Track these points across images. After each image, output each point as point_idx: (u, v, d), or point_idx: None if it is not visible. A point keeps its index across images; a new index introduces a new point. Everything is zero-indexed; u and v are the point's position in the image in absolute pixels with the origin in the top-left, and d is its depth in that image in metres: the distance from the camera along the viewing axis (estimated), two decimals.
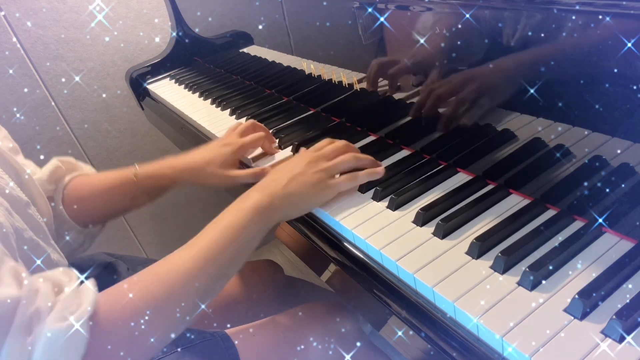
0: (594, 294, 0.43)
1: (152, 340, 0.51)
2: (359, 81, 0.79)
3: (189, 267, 0.54)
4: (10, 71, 1.20)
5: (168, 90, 1.26)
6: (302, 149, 0.71)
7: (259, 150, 0.84)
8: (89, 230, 0.80)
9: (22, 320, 0.43)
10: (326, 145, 0.70)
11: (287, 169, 0.65)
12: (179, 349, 0.66)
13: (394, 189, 0.65)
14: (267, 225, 0.61)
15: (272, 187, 0.62)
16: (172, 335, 0.54)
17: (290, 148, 0.83)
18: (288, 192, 0.62)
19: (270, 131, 0.89)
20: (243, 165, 0.84)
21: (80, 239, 0.79)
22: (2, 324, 0.42)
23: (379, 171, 0.67)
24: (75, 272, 0.51)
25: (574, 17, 0.45)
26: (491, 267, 0.50)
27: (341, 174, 0.67)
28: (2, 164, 0.65)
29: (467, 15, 0.55)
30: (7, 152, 0.68)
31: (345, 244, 0.62)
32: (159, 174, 0.80)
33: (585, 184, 0.52)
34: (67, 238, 0.78)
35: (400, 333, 0.53)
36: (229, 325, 0.75)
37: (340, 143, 0.70)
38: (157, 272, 0.53)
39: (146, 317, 0.49)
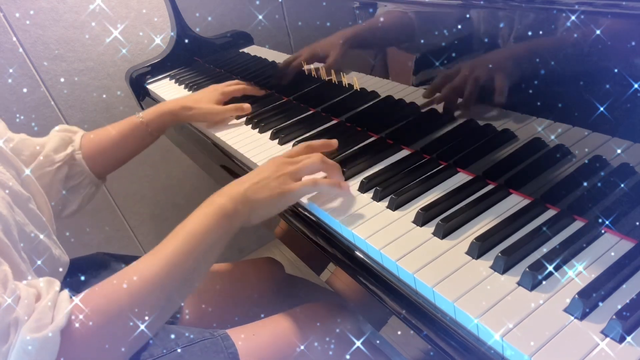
0: (594, 294, 0.43)
1: (122, 349, 0.53)
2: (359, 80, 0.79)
3: (154, 274, 0.54)
4: (10, 71, 1.20)
5: (168, 90, 1.26)
6: (275, 156, 0.71)
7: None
8: (100, 181, 0.91)
9: (1, 327, 0.46)
10: (300, 151, 0.70)
11: (254, 174, 0.66)
12: (178, 349, 0.66)
13: (394, 189, 0.65)
14: (231, 230, 0.62)
15: (234, 192, 0.63)
16: (138, 344, 0.56)
17: (289, 146, 0.83)
18: (249, 196, 0.63)
19: (270, 131, 0.89)
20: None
21: (93, 190, 0.89)
22: None
23: (342, 186, 0.66)
24: (57, 282, 0.53)
25: (573, 17, 0.45)
26: (491, 267, 0.50)
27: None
28: (2, 160, 0.65)
29: (467, 15, 0.55)
30: (7, 150, 0.68)
31: (345, 244, 0.62)
32: (163, 112, 0.93)
33: (585, 184, 0.52)
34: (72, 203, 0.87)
35: (400, 333, 0.53)
36: (229, 325, 0.75)
37: (314, 153, 0.69)
38: (122, 279, 0.54)
39: (113, 327, 0.51)
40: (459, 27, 0.57)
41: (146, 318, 0.53)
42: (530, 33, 0.50)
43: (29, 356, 0.45)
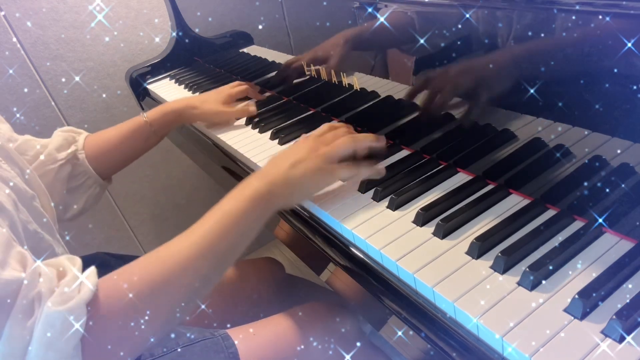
0: (594, 294, 0.43)
1: (152, 328, 0.50)
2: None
3: (187, 254, 0.53)
4: (10, 71, 1.20)
5: (168, 90, 1.26)
6: (303, 135, 0.70)
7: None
8: (105, 182, 0.90)
9: (24, 303, 0.44)
10: (327, 130, 0.69)
11: (287, 156, 0.64)
12: (179, 349, 0.66)
13: (394, 189, 0.65)
14: (267, 213, 0.61)
15: (271, 175, 0.61)
16: (167, 327, 0.54)
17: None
18: (287, 179, 0.61)
19: (270, 131, 0.89)
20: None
21: (97, 190, 0.89)
22: (5, 305, 0.43)
23: (380, 171, 0.67)
24: (79, 259, 0.52)
25: (574, 17, 0.45)
26: (491, 267, 0.50)
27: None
28: (6, 159, 0.66)
29: (467, 15, 0.55)
30: (11, 149, 0.68)
31: (345, 243, 0.62)
32: (167, 110, 0.92)
33: (585, 184, 0.52)
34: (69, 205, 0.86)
35: (400, 333, 0.53)
36: (229, 325, 0.75)
37: (341, 129, 0.69)
38: (155, 258, 0.53)
39: (143, 305, 0.49)
40: (459, 27, 0.57)
41: (178, 298, 0.52)
42: (530, 33, 0.50)
43: (54, 329, 0.44)
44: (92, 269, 0.50)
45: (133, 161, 0.94)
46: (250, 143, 0.89)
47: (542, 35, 0.49)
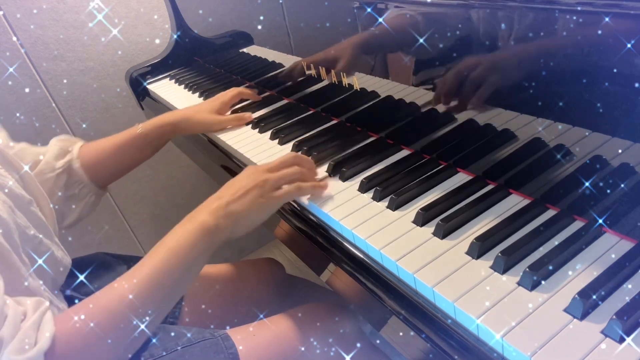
0: (594, 294, 0.43)
1: None
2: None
3: (133, 295, 0.54)
4: (11, 70, 1.20)
5: (168, 90, 1.26)
6: (249, 166, 0.71)
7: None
8: (101, 191, 0.91)
9: None
10: (274, 161, 0.70)
11: (232, 186, 0.65)
12: (179, 348, 0.66)
13: (394, 189, 0.65)
14: (212, 247, 0.61)
15: (214, 206, 0.62)
16: (124, 358, 0.57)
17: (289, 146, 0.83)
18: (231, 211, 0.62)
19: (270, 131, 0.89)
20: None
21: (92, 199, 0.89)
22: None
23: (322, 185, 0.68)
24: (46, 303, 0.53)
25: (574, 17, 0.45)
26: (491, 267, 0.50)
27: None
28: (3, 163, 0.65)
29: (467, 16, 0.55)
30: (8, 151, 0.68)
31: (345, 243, 0.62)
32: (162, 122, 0.92)
33: (585, 184, 0.52)
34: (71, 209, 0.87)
35: (400, 333, 0.53)
36: (228, 326, 0.75)
37: (287, 155, 0.71)
38: (102, 302, 0.54)
39: (95, 349, 0.52)
40: (459, 27, 0.57)
41: (127, 334, 0.54)
42: (530, 33, 0.50)
43: None
44: (49, 315, 0.51)
45: (129, 172, 0.94)
46: (250, 143, 0.89)
47: (542, 35, 0.49)
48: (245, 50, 1.11)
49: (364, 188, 0.67)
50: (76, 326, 0.51)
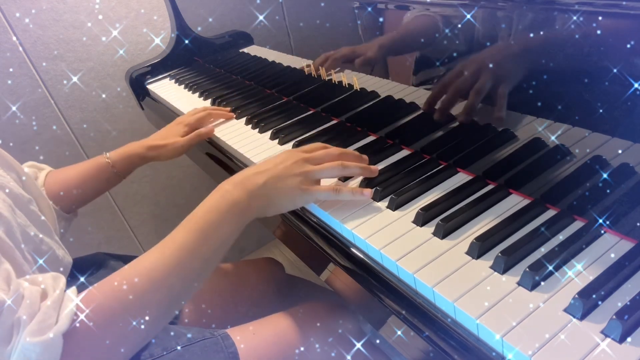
0: (594, 294, 0.43)
1: (125, 348, 0.51)
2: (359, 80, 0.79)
3: (159, 272, 0.53)
4: (11, 71, 1.20)
5: (168, 90, 1.26)
6: (290, 150, 0.68)
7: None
8: (69, 216, 0.89)
9: (4, 328, 0.45)
10: (319, 148, 0.67)
11: (270, 165, 0.62)
12: (179, 348, 0.66)
13: (394, 189, 0.65)
14: (243, 224, 0.59)
15: (250, 184, 0.60)
16: (143, 344, 0.55)
17: (289, 146, 0.83)
18: (266, 191, 0.60)
19: (270, 131, 0.89)
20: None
21: (62, 224, 0.87)
22: None
23: (365, 193, 0.64)
24: (63, 278, 0.51)
25: (573, 17, 0.45)
26: (491, 267, 0.50)
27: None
28: (2, 163, 0.66)
29: (467, 16, 0.55)
30: (6, 152, 0.68)
31: (345, 243, 0.62)
32: (130, 154, 0.91)
33: (585, 184, 0.52)
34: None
35: (400, 333, 0.53)
36: (229, 325, 0.75)
37: (334, 150, 0.67)
38: (127, 277, 0.52)
39: (119, 328, 0.50)
40: (459, 26, 0.57)
41: (151, 316, 0.52)
42: (530, 33, 0.50)
43: (31, 358, 0.44)
44: (70, 293, 0.50)
45: (95, 199, 0.93)
46: (250, 143, 0.89)
47: (542, 35, 0.49)
48: (245, 50, 1.11)
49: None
50: (99, 304, 0.49)
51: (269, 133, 0.90)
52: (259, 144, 0.88)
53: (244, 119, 0.98)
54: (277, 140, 0.87)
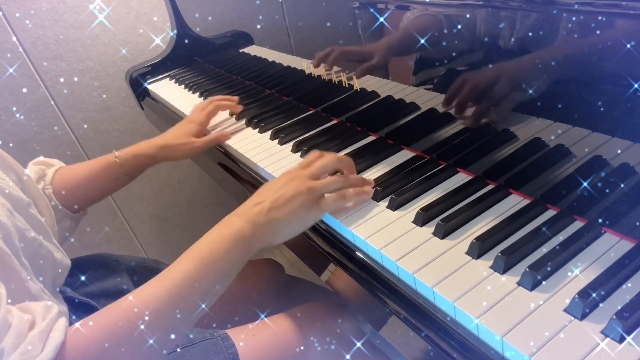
0: (594, 294, 0.43)
1: None
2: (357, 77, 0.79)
3: (160, 305, 0.51)
4: (11, 71, 1.20)
5: (168, 90, 1.26)
6: (290, 170, 0.65)
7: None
8: (77, 215, 0.86)
9: None
10: (315, 160, 0.64)
11: (270, 192, 0.60)
12: (178, 349, 0.66)
13: (394, 189, 0.65)
14: (247, 256, 0.57)
15: (254, 214, 0.58)
16: None
17: (289, 146, 0.83)
18: (272, 218, 0.57)
19: (270, 131, 0.89)
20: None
21: (68, 224, 0.84)
22: None
23: (367, 191, 0.63)
24: (55, 309, 0.49)
25: (573, 17, 0.45)
26: (491, 267, 0.50)
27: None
28: (1, 165, 0.65)
29: (467, 16, 0.55)
30: (5, 153, 0.68)
31: (345, 244, 0.62)
32: (139, 154, 0.88)
33: (585, 184, 0.52)
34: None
35: (400, 333, 0.53)
36: (229, 326, 0.75)
37: (329, 158, 0.64)
38: (125, 309, 0.50)
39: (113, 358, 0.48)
40: (459, 27, 0.57)
41: (147, 349, 0.50)
42: (530, 33, 0.50)
43: None
44: (61, 323, 0.48)
45: (103, 199, 0.90)
46: (250, 143, 0.89)
47: (542, 35, 0.49)
48: (245, 50, 1.11)
49: None
50: (93, 336, 0.48)
51: (269, 133, 0.90)
52: (259, 144, 0.88)
53: (244, 120, 0.98)
54: (277, 140, 0.87)
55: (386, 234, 0.58)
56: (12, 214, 0.58)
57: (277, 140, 0.87)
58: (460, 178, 0.66)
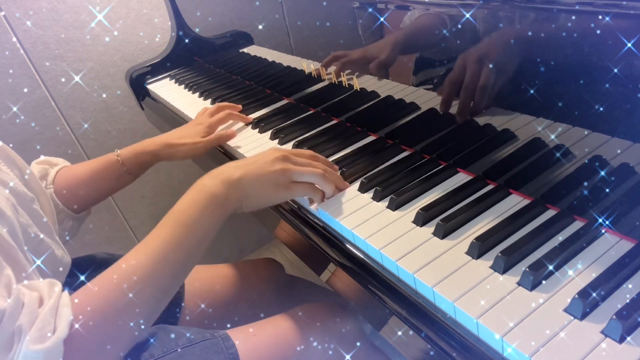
0: (594, 294, 0.43)
1: (121, 345, 0.53)
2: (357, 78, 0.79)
3: (145, 270, 0.53)
4: (11, 71, 1.20)
5: (168, 90, 1.26)
6: (275, 148, 0.69)
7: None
8: (80, 215, 0.86)
9: (5, 335, 0.45)
10: (307, 155, 0.68)
11: (251, 160, 0.63)
12: (179, 349, 0.66)
13: (394, 189, 0.65)
14: (223, 216, 0.60)
15: (227, 175, 0.61)
16: (137, 339, 0.56)
17: (289, 146, 0.83)
18: (244, 184, 0.61)
19: (270, 131, 0.89)
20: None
21: (70, 224, 0.84)
22: None
23: (342, 186, 0.66)
24: (59, 284, 0.52)
25: (573, 17, 0.45)
26: (491, 267, 0.50)
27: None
28: (6, 160, 0.65)
29: (467, 15, 0.55)
30: (10, 149, 0.68)
31: (345, 243, 0.62)
32: (141, 151, 0.87)
33: (585, 184, 0.52)
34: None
35: (400, 333, 0.53)
36: (229, 326, 0.75)
37: (321, 160, 0.69)
38: (115, 276, 0.53)
39: (112, 328, 0.51)
40: (458, 26, 0.57)
41: (141, 312, 0.53)
42: (530, 33, 0.50)
43: None
44: (65, 297, 0.50)
45: (105, 198, 0.90)
46: (250, 143, 0.89)
47: (542, 35, 0.49)
48: (245, 50, 1.11)
49: (364, 188, 0.67)
50: (92, 306, 0.50)
51: (269, 133, 0.90)
52: (259, 144, 0.88)
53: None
54: (277, 140, 0.87)
55: (386, 234, 0.58)
56: (17, 209, 0.58)
57: (277, 140, 0.87)
58: (460, 178, 0.66)
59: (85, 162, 0.87)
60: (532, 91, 0.52)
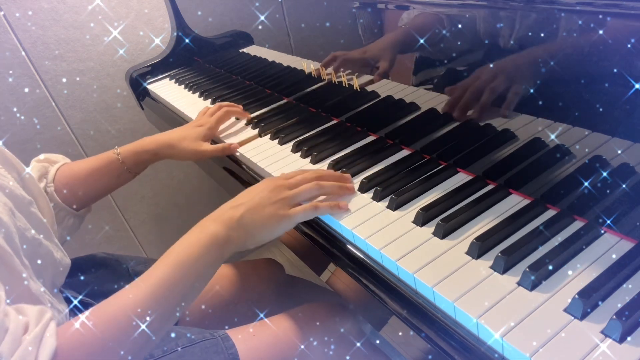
0: (594, 294, 0.43)
1: None
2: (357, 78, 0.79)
3: (139, 308, 0.52)
4: (10, 71, 1.20)
5: (168, 90, 1.26)
6: (268, 178, 0.69)
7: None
8: (80, 212, 0.85)
9: None
10: (297, 174, 0.68)
11: (247, 198, 0.63)
12: (179, 349, 0.66)
13: (394, 189, 0.65)
14: (222, 258, 0.60)
15: (228, 217, 0.60)
16: None
17: (290, 146, 0.83)
18: (245, 223, 0.60)
19: (270, 131, 0.89)
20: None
21: (71, 221, 0.84)
22: None
23: (341, 206, 0.64)
24: (49, 314, 0.51)
25: (574, 17, 0.45)
26: (491, 267, 0.50)
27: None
28: (4, 163, 0.65)
29: (467, 15, 0.55)
30: (7, 151, 0.68)
31: (345, 244, 0.62)
32: (141, 149, 0.87)
33: (585, 184, 0.52)
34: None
35: (400, 333, 0.53)
36: (228, 326, 0.75)
37: (311, 173, 0.68)
38: (108, 314, 0.52)
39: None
40: (459, 27, 0.57)
41: (130, 349, 0.52)
42: (530, 33, 0.50)
43: None
44: (52, 328, 0.49)
45: (105, 196, 0.90)
46: (250, 143, 0.89)
47: (542, 35, 0.49)
48: (245, 50, 1.11)
49: (364, 188, 0.67)
50: (80, 339, 0.49)
51: (269, 133, 0.90)
52: (259, 144, 0.88)
53: (244, 120, 0.98)
54: (277, 141, 0.87)
55: (386, 234, 0.58)
56: (13, 213, 0.58)
57: (277, 140, 0.87)
58: (460, 178, 0.66)
59: (85, 160, 0.87)
60: (532, 91, 0.52)
